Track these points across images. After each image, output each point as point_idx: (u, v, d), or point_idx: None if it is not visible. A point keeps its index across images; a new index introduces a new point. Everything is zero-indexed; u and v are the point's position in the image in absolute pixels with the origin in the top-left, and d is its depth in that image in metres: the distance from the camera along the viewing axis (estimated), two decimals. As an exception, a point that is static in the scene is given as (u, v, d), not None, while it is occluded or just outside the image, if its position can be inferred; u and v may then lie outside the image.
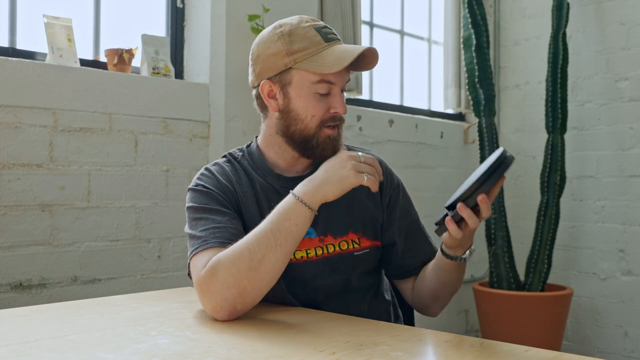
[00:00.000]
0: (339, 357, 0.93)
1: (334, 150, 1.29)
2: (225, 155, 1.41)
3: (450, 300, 1.40)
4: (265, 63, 1.29)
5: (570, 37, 3.57)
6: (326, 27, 1.30)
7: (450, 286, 1.34)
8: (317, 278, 1.32)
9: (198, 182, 1.33)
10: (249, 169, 1.36)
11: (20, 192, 2.05)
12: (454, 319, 3.75)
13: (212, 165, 1.37)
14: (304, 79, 1.27)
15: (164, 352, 0.95)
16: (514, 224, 3.72)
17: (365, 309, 1.37)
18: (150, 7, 2.65)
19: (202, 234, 1.23)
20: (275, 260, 1.16)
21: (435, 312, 1.42)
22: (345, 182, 1.17)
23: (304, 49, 1.25)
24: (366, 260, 1.36)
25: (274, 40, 1.28)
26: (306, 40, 1.26)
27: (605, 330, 3.50)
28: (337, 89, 1.28)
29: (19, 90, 2.04)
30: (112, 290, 2.23)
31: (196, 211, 1.28)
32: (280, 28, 1.29)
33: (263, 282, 1.16)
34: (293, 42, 1.26)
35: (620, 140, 3.45)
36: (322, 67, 1.24)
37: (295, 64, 1.26)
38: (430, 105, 3.87)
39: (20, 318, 1.20)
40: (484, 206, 1.12)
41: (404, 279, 1.43)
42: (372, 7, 3.47)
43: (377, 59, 1.28)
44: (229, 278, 1.14)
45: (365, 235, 1.36)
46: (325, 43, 1.26)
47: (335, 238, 1.33)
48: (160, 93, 2.38)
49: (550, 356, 0.95)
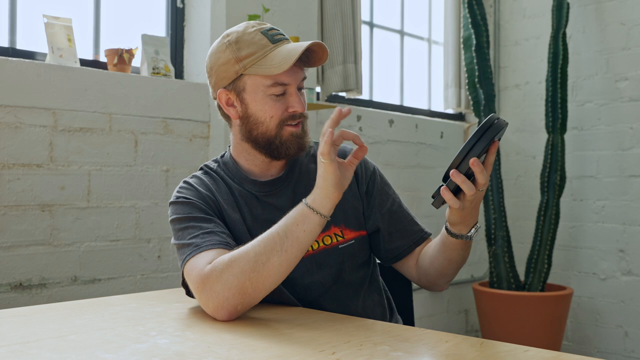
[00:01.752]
0: (339, 357, 0.93)
1: (299, 147, 1.31)
2: (202, 167, 1.43)
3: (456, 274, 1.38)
4: (218, 73, 1.31)
5: (570, 37, 3.57)
6: (273, 29, 1.30)
7: (457, 262, 1.32)
8: (306, 276, 1.33)
9: (178, 195, 1.34)
10: (226, 177, 1.38)
11: (20, 192, 2.05)
12: (454, 319, 3.75)
13: (190, 178, 1.39)
14: (257, 84, 1.28)
15: (163, 352, 0.95)
16: (514, 224, 3.72)
17: (359, 303, 1.37)
18: (150, 7, 2.65)
19: (193, 241, 1.24)
20: (279, 264, 1.16)
21: (441, 287, 1.41)
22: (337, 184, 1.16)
23: (252, 54, 1.27)
24: (353, 251, 1.37)
25: (222, 50, 1.30)
26: (252, 45, 1.27)
27: (605, 330, 3.50)
28: (292, 88, 1.29)
29: (19, 90, 2.04)
30: (112, 290, 2.23)
31: (181, 222, 1.29)
32: (227, 37, 1.31)
33: (265, 284, 1.16)
34: (240, 49, 1.28)
35: (620, 140, 3.45)
36: (271, 69, 1.25)
37: (245, 69, 1.28)
38: (430, 105, 3.87)
39: (20, 318, 1.20)
40: (477, 169, 1.09)
41: (400, 261, 1.43)
42: (372, 7, 3.47)
43: (326, 53, 1.29)
44: (232, 279, 1.14)
45: (348, 227, 1.37)
46: (272, 44, 1.27)
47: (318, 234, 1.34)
48: (160, 93, 2.38)
49: (550, 356, 0.95)
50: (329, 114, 2.94)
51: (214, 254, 1.20)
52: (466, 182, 1.11)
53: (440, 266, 1.34)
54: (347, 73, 2.94)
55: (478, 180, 1.12)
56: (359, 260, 1.38)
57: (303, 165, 1.40)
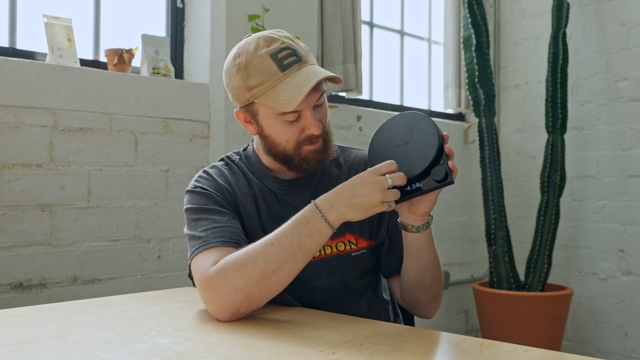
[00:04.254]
0: (339, 357, 0.93)
1: (320, 161, 1.30)
2: (223, 158, 1.42)
3: (438, 294, 1.36)
4: (233, 94, 1.30)
5: (570, 37, 3.57)
6: (283, 49, 1.24)
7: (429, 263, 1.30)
8: (315, 279, 1.32)
9: (196, 184, 1.34)
10: (247, 171, 1.37)
11: (20, 192, 2.05)
12: (454, 319, 3.75)
13: (210, 168, 1.38)
14: (268, 112, 1.26)
15: (163, 352, 0.95)
16: (514, 224, 3.72)
17: (363, 309, 1.36)
18: (150, 7, 2.65)
19: (203, 234, 1.23)
20: (288, 272, 1.16)
21: (427, 309, 1.38)
22: (370, 211, 1.15)
23: (260, 84, 1.23)
24: (363, 260, 1.36)
25: (233, 73, 1.27)
26: (261, 74, 1.23)
27: (605, 330, 3.50)
28: (306, 112, 1.25)
29: (19, 90, 2.04)
30: (112, 290, 2.23)
31: (195, 212, 1.29)
32: (238, 59, 1.26)
33: (272, 290, 1.16)
34: (250, 77, 1.24)
35: (620, 140, 3.45)
36: (278, 105, 1.22)
37: (255, 99, 1.25)
38: (430, 105, 3.87)
39: (20, 318, 1.20)
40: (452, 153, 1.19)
41: (391, 278, 1.42)
42: (372, 7, 3.47)
43: (340, 79, 1.26)
44: (239, 282, 1.14)
45: (362, 235, 1.36)
46: (281, 73, 1.22)
47: (332, 239, 1.33)
48: (160, 93, 2.38)
49: (550, 356, 0.95)
50: (329, 114, 2.93)
51: (221, 252, 1.19)
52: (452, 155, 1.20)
53: (415, 275, 1.31)
54: (347, 73, 2.94)
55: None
56: (367, 268, 1.38)
57: (326, 168, 1.38)
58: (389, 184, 1.14)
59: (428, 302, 1.37)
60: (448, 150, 1.17)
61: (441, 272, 1.35)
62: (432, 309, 1.39)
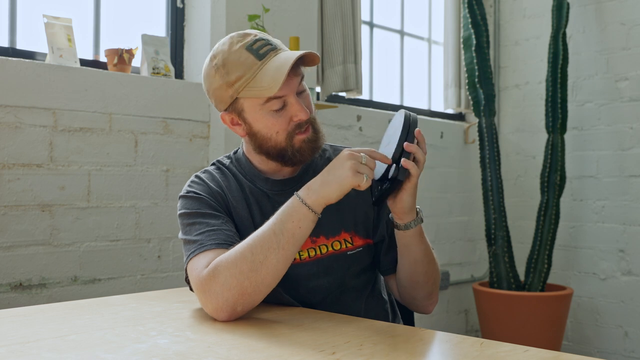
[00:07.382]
0: (339, 357, 0.93)
1: (313, 150, 1.30)
2: (214, 162, 1.43)
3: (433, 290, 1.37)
4: (215, 97, 1.30)
5: (570, 37, 3.57)
6: (257, 40, 1.26)
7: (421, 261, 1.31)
8: (311, 280, 1.33)
9: (189, 189, 1.34)
10: (238, 174, 1.38)
11: (20, 192, 2.05)
12: (454, 319, 3.75)
13: (202, 173, 1.39)
14: (253, 104, 1.26)
15: (163, 352, 0.95)
16: (514, 224, 3.72)
17: (362, 308, 1.36)
18: (150, 7, 2.65)
19: (198, 238, 1.24)
20: (276, 262, 1.16)
21: (424, 305, 1.39)
22: (343, 183, 1.16)
23: (241, 76, 1.24)
24: (359, 259, 1.36)
25: (212, 74, 1.28)
26: (240, 67, 1.24)
27: (605, 330, 3.50)
28: (291, 97, 1.26)
29: (19, 90, 2.04)
30: (112, 290, 2.23)
31: (189, 217, 1.29)
32: (214, 60, 1.28)
33: (264, 283, 1.16)
34: (229, 73, 1.25)
35: (620, 140, 3.45)
36: (262, 91, 1.23)
37: (239, 93, 1.26)
38: (430, 105, 3.87)
39: (20, 318, 1.20)
40: (413, 149, 1.20)
41: (388, 276, 1.42)
42: (372, 7, 3.47)
43: (317, 57, 1.27)
44: (231, 279, 1.14)
45: (358, 234, 1.36)
46: (259, 62, 1.23)
47: (328, 238, 1.33)
48: (160, 93, 2.38)
49: (550, 356, 0.95)
50: (329, 114, 2.94)
51: (215, 255, 1.20)
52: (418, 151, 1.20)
53: (407, 271, 1.33)
54: (347, 73, 2.94)
55: (419, 158, 1.21)
56: (364, 266, 1.38)
57: (318, 167, 1.38)
58: (362, 160, 1.16)
59: (424, 299, 1.38)
60: (407, 147, 1.18)
61: (436, 269, 1.36)
62: (429, 304, 1.40)
